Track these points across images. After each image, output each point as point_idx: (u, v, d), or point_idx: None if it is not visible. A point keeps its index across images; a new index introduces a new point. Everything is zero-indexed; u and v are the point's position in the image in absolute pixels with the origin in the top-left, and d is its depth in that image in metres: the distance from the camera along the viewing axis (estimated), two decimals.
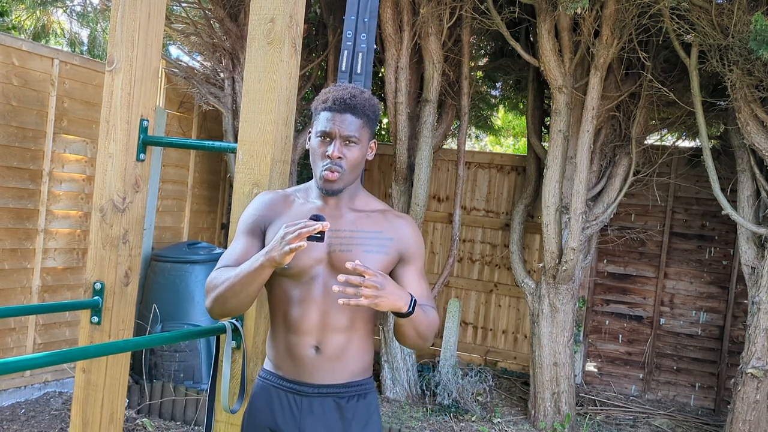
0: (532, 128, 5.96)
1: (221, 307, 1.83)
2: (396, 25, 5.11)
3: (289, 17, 2.23)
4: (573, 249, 4.91)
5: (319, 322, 1.86)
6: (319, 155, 1.87)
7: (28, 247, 4.65)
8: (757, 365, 4.53)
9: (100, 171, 2.43)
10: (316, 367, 1.88)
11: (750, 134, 4.45)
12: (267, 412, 1.94)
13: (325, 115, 1.86)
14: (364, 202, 1.97)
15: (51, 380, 4.86)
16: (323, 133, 1.86)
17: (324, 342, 1.87)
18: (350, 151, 1.85)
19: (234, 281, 1.77)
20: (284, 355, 1.92)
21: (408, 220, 1.97)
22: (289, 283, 1.88)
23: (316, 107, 1.90)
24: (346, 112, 1.84)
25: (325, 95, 1.89)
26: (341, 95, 1.86)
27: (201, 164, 6.27)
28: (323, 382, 1.89)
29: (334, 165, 1.84)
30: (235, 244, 1.93)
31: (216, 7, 5.25)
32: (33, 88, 4.57)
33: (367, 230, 1.89)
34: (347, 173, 1.86)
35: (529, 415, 5.26)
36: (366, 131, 1.89)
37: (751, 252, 4.74)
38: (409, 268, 1.92)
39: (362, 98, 1.88)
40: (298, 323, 1.87)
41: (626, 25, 4.65)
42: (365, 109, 1.87)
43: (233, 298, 1.79)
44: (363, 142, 1.88)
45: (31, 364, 1.70)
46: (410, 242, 1.93)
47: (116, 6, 2.41)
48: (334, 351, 1.88)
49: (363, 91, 1.92)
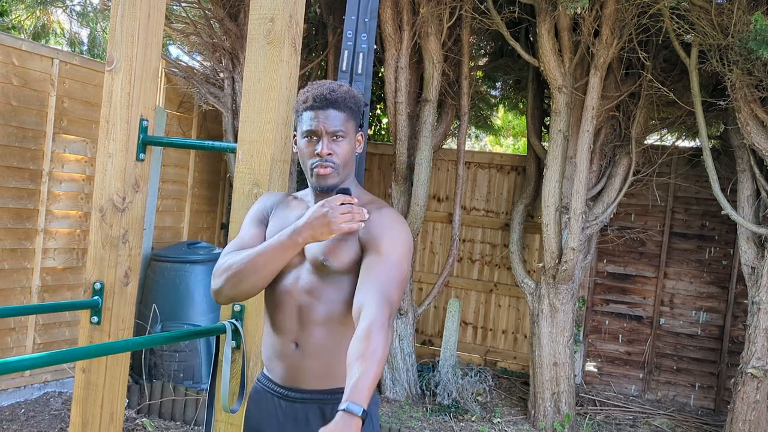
0: (531, 128, 5.96)
1: (234, 287, 1.77)
2: (396, 24, 5.11)
3: (289, 17, 2.22)
4: (573, 249, 4.91)
5: (297, 317, 1.83)
6: (307, 155, 1.83)
7: (28, 247, 4.65)
8: (757, 365, 4.53)
9: (100, 171, 2.43)
10: (298, 368, 1.84)
11: (750, 134, 4.45)
12: (257, 415, 1.93)
13: (308, 114, 1.83)
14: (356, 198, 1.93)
15: (51, 380, 4.85)
16: (309, 132, 1.82)
17: (302, 338, 1.83)
18: (339, 146, 1.82)
19: (256, 256, 1.74)
20: (271, 355, 1.91)
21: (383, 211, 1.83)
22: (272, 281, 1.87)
23: (297, 108, 1.88)
24: (329, 107, 1.81)
25: (304, 95, 1.86)
26: (321, 92, 1.83)
27: (201, 164, 6.26)
28: (308, 386, 1.85)
29: (325, 161, 1.80)
30: (242, 232, 1.91)
31: (216, 7, 5.25)
32: (33, 88, 4.57)
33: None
34: (341, 168, 1.83)
35: (529, 415, 5.26)
36: (351, 124, 1.85)
37: (751, 252, 4.74)
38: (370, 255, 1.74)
39: (342, 91, 1.84)
40: (280, 320, 1.86)
41: (626, 25, 4.65)
42: (347, 102, 1.84)
43: (252, 275, 1.75)
44: (350, 135, 1.85)
45: (30, 364, 1.70)
46: (373, 229, 1.77)
47: (116, 6, 2.40)
48: (314, 348, 1.82)
49: (341, 84, 1.89)
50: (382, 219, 1.80)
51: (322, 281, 1.82)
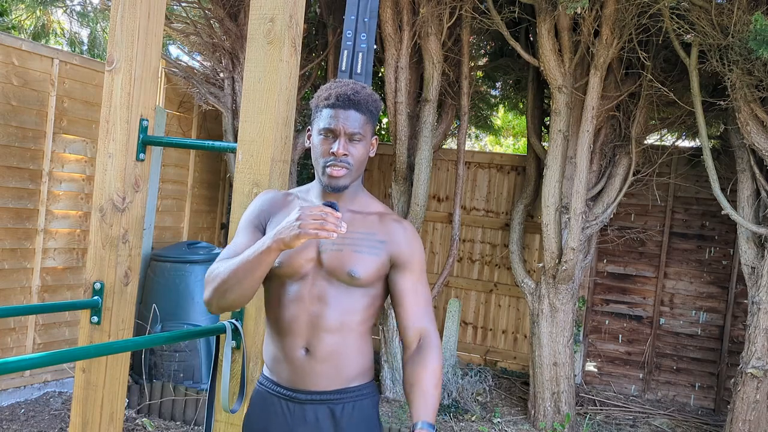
0: (531, 128, 5.96)
1: (221, 298, 1.74)
2: (396, 24, 5.11)
3: (289, 17, 2.22)
4: (573, 249, 4.91)
5: (309, 323, 1.82)
6: (321, 153, 1.82)
7: (28, 247, 4.65)
8: (757, 365, 4.53)
9: (100, 171, 2.43)
10: (308, 371, 1.84)
11: (750, 134, 4.45)
12: (262, 418, 1.91)
13: (328, 112, 1.81)
14: (364, 204, 1.92)
15: (51, 380, 4.85)
16: (327, 130, 1.81)
17: (314, 344, 1.82)
18: (355, 148, 1.82)
19: (237, 266, 1.70)
20: (277, 358, 1.89)
21: (405, 225, 1.91)
22: (278, 284, 1.86)
23: (318, 104, 1.85)
24: (350, 108, 1.80)
25: (326, 91, 1.85)
26: (344, 91, 1.82)
27: (201, 164, 6.26)
28: (316, 388, 1.85)
29: (339, 161, 1.80)
30: (236, 239, 1.89)
31: (216, 7, 5.25)
32: (33, 88, 4.57)
33: (360, 231, 1.85)
34: (354, 170, 1.83)
35: (529, 415, 5.26)
36: (369, 127, 1.85)
37: (751, 252, 4.74)
38: (405, 275, 1.87)
39: (365, 94, 1.84)
40: (288, 324, 1.84)
41: (626, 25, 4.65)
42: (368, 105, 1.84)
43: (236, 285, 1.71)
44: (367, 138, 1.85)
45: (30, 364, 1.70)
46: (403, 247, 1.87)
47: (116, 5, 2.40)
48: (325, 353, 1.82)
49: (364, 86, 1.89)
50: (407, 234, 1.89)
51: (338, 289, 1.82)
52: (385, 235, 1.87)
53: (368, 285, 1.84)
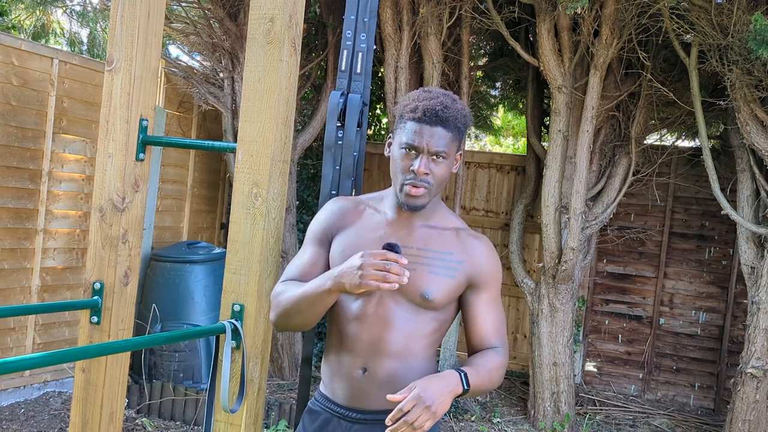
0: (531, 128, 5.96)
1: (285, 323, 1.75)
2: (395, 24, 5.11)
3: (289, 17, 2.22)
4: (572, 249, 4.91)
5: (369, 344, 1.75)
6: (401, 168, 1.72)
7: (28, 247, 4.65)
8: (757, 365, 4.53)
9: (100, 171, 2.43)
10: (364, 391, 1.77)
11: (750, 134, 4.45)
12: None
13: (413, 126, 1.70)
14: (440, 218, 1.82)
15: (50, 380, 4.85)
16: (409, 146, 1.70)
17: (373, 366, 1.75)
18: (438, 167, 1.70)
19: (299, 299, 1.68)
20: (334, 374, 1.83)
21: (483, 242, 1.80)
22: (345, 299, 1.79)
23: (402, 114, 1.75)
24: (437, 125, 1.68)
25: (414, 103, 1.73)
26: (432, 105, 1.69)
27: (200, 164, 6.26)
28: (372, 407, 1.77)
29: (420, 181, 1.69)
30: (302, 254, 1.84)
31: (215, 7, 5.24)
32: (32, 88, 4.57)
33: (436, 250, 1.75)
34: (434, 189, 1.72)
35: (529, 414, 5.26)
36: (455, 145, 1.73)
37: (750, 252, 4.74)
38: (481, 295, 1.77)
39: (455, 109, 1.72)
40: (349, 342, 1.77)
41: (626, 25, 4.65)
42: (457, 122, 1.71)
43: (297, 315, 1.70)
44: (451, 156, 1.72)
45: (30, 364, 1.69)
46: (483, 267, 1.77)
47: (116, 5, 2.40)
48: (384, 376, 1.74)
49: (455, 99, 1.76)
50: (487, 252, 1.80)
51: (406, 311, 1.75)
52: (463, 254, 1.77)
53: (440, 308, 1.76)
